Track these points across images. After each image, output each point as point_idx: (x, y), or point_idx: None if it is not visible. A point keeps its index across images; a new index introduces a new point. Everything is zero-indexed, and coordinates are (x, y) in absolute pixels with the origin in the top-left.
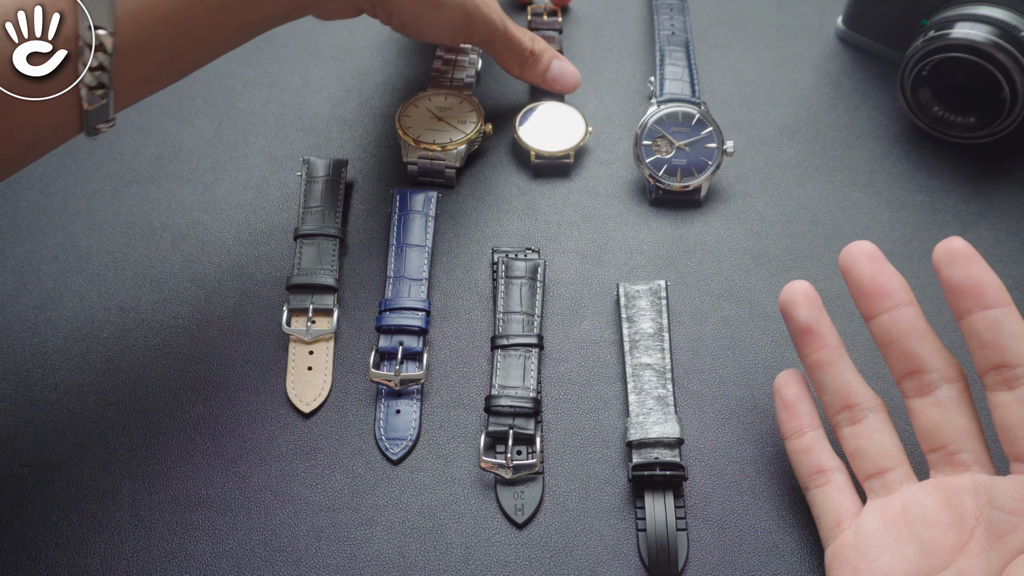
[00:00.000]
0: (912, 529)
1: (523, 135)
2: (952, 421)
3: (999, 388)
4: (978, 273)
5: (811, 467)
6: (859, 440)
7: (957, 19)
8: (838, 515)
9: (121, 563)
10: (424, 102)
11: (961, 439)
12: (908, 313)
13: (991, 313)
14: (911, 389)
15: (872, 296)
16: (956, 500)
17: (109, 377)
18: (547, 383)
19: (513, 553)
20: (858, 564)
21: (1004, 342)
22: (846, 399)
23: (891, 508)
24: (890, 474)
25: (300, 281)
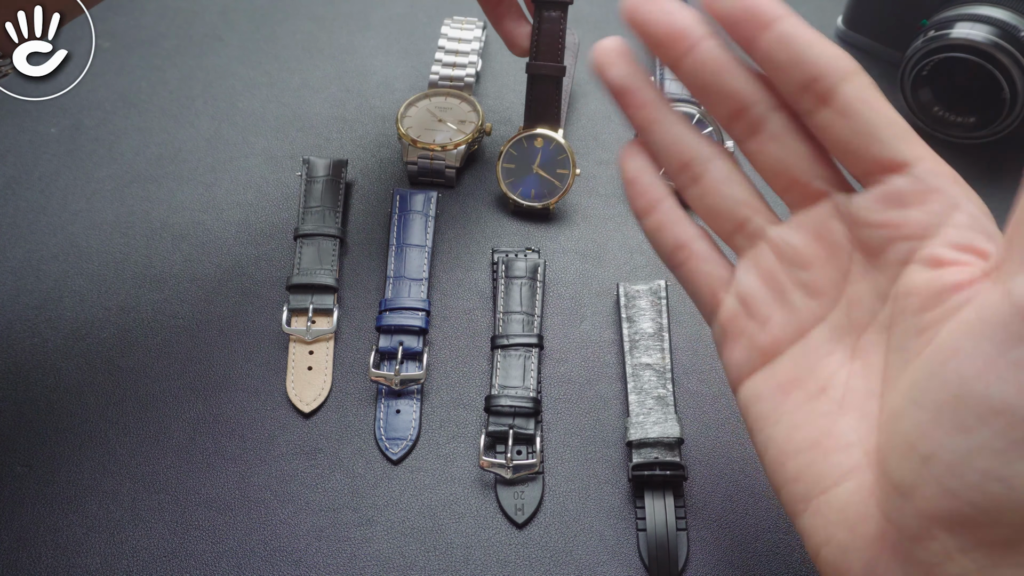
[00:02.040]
0: (791, 275)
1: (505, 180)
2: (793, 149)
3: (816, 108)
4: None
5: (669, 244)
6: (706, 198)
7: (957, 19)
8: (711, 286)
9: (121, 563)
10: (424, 102)
11: (808, 165)
12: (712, 48)
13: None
14: (741, 132)
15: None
16: (824, 230)
17: (109, 377)
18: (547, 383)
19: (513, 553)
20: (748, 331)
21: (802, 53)
22: (680, 155)
23: (763, 260)
24: (750, 224)
25: (300, 281)
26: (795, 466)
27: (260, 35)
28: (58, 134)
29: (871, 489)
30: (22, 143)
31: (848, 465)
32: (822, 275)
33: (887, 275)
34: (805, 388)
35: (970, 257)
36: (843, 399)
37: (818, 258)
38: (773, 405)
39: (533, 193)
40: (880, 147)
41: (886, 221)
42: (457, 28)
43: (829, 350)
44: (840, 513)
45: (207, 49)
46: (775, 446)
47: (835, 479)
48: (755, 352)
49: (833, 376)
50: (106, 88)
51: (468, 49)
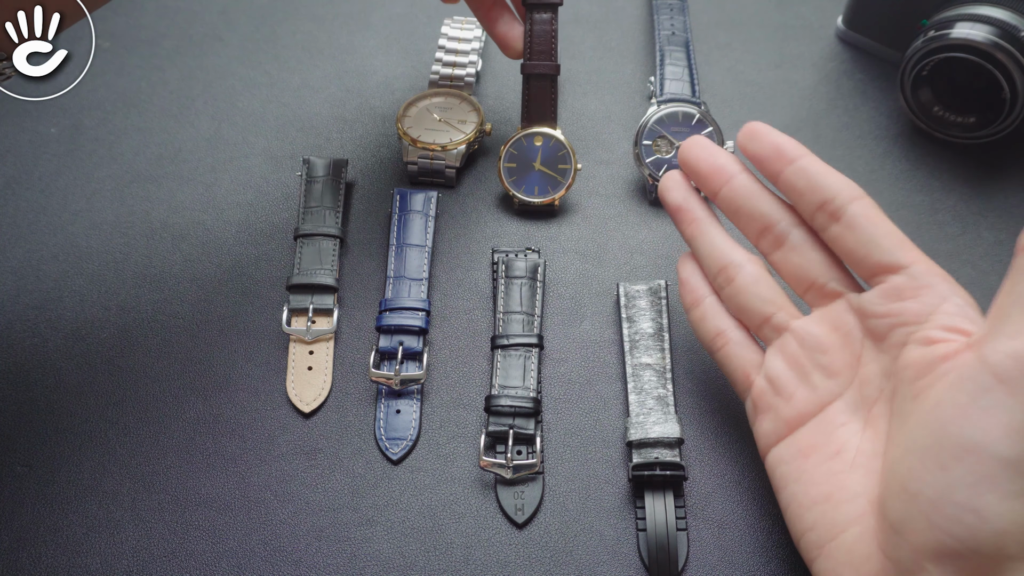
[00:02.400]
0: (812, 359)
1: (508, 179)
2: (810, 258)
3: (829, 224)
4: (777, 139)
5: (710, 332)
6: (739, 296)
7: (957, 19)
8: (744, 368)
9: (121, 563)
10: (424, 102)
11: (823, 271)
12: (744, 180)
13: (797, 164)
14: (767, 245)
15: (710, 176)
16: (839, 322)
17: (109, 377)
18: (547, 383)
19: (513, 553)
20: (776, 405)
21: (817, 181)
22: (719, 261)
23: (788, 347)
24: (775, 317)
25: (300, 281)
26: (811, 517)
27: (260, 35)
28: (58, 134)
29: (873, 532)
30: (22, 143)
31: (855, 513)
32: (838, 359)
33: (891, 356)
34: (822, 452)
35: (956, 336)
36: (854, 460)
37: (835, 345)
38: (795, 466)
39: (537, 190)
40: (881, 254)
41: (888, 311)
42: (457, 28)
43: (844, 421)
44: (847, 555)
45: (207, 49)
46: (795, 501)
47: (843, 526)
48: (781, 423)
49: (847, 442)
50: (106, 88)
51: (468, 49)
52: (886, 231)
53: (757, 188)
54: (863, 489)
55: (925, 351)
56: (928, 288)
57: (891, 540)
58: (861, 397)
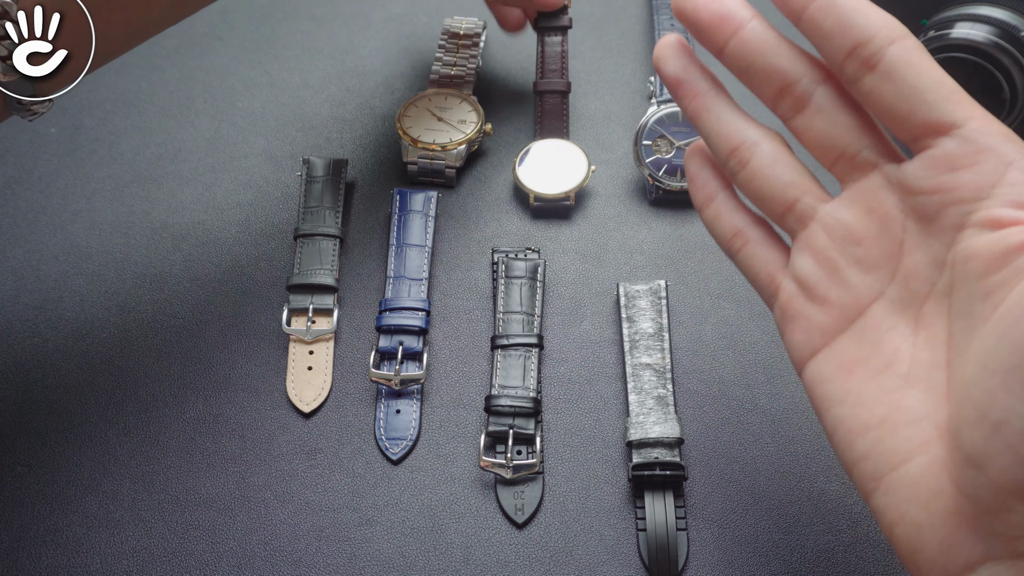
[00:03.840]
0: (845, 252)
1: (522, 176)
2: (839, 122)
3: (862, 73)
4: None
5: (726, 232)
6: (754, 181)
7: (957, 19)
8: (768, 271)
9: (121, 563)
10: (424, 102)
11: (855, 137)
12: (757, 27)
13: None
14: (787, 109)
15: (714, 25)
16: (875, 203)
17: (109, 377)
18: (547, 383)
19: (513, 553)
20: (807, 312)
21: (849, 19)
22: (729, 141)
23: (816, 240)
24: (799, 204)
25: (300, 281)
26: (864, 444)
27: (260, 35)
28: (58, 134)
29: (944, 463)
30: (22, 143)
31: (918, 439)
32: (876, 249)
33: (943, 241)
34: (869, 365)
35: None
36: (909, 373)
37: (870, 232)
38: (838, 385)
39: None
40: (927, 109)
41: (937, 186)
42: (457, 27)
43: (891, 324)
44: (912, 489)
45: (207, 49)
46: (843, 426)
47: (906, 455)
48: (815, 333)
49: (897, 350)
50: (106, 88)
51: (468, 48)
52: (934, 80)
53: (773, 37)
54: (926, 410)
55: (993, 238)
56: (987, 152)
57: (968, 475)
58: (908, 294)
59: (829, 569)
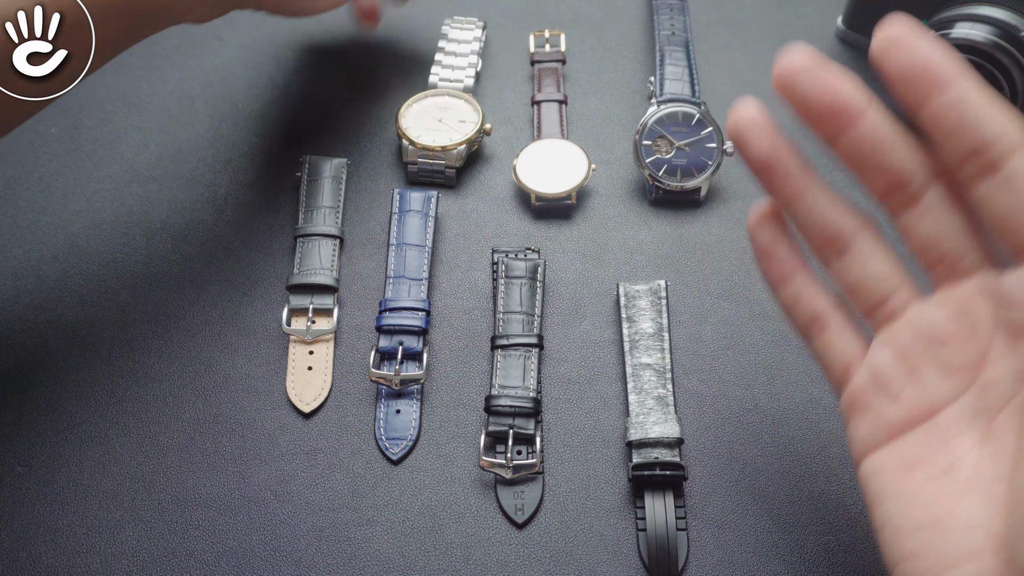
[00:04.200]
0: (927, 353)
1: (522, 176)
2: (947, 223)
3: (981, 177)
4: (926, 51)
5: (804, 317)
6: (850, 273)
7: (957, 19)
8: (844, 360)
9: (121, 563)
10: (424, 102)
11: (960, 242)
12: (876, 121)
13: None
14: (895, 205)
15: (831, 113)
16: (967, 308)
17: (109, 377)
18: (547, 383)
19: (513, 553)
20: (878, 406)
21: (973, 119)
22: (825, 230)
23: (900, 336)
24: (892, 300)
25: (300, 281)
26: (913, 544)
27: (260, 35)
28: (58, 134)
29: (992, 574)
30: (22, 143)
31: (970, 547)
32: (960, 354)
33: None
34: (930, 467)
35: None
36: (970, 481)
37: (957, 336)
38: (896, 482)
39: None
40: None
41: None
42: (457, 28)
43: (959, 431)
44: None
45: (207, 49)
46: (894, 522)
47: (954, 560)
48: (882, 428)
49: (962, 458)
50: (106, 88)
51: (468, 50)
52: None
53: (891, 131)
54: (981, 519)
55: None
56: None
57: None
58: (983, 404)
59: (829, 569)
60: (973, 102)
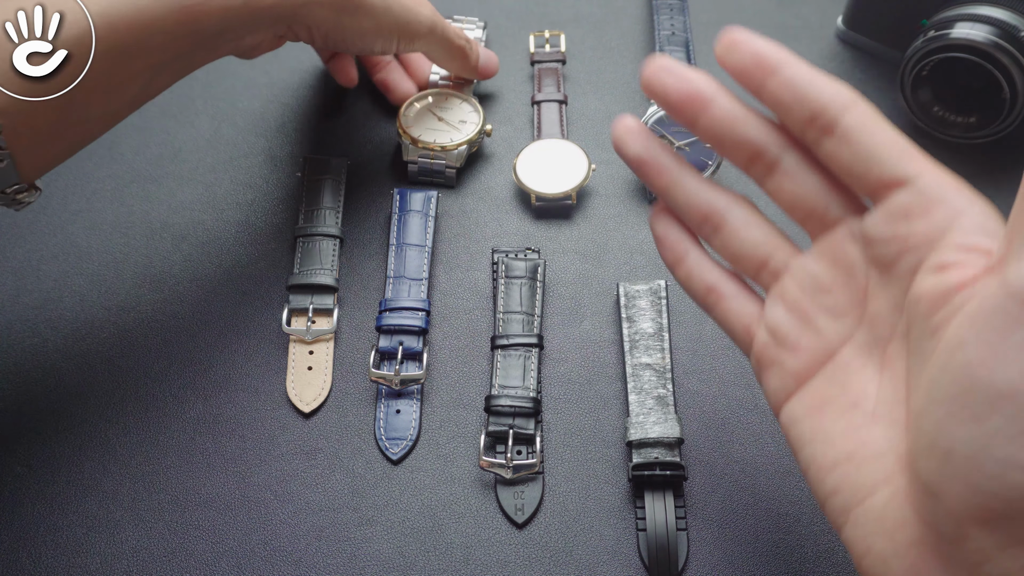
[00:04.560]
0: (815, 301)
1: (522, 176)
2: (806, 183)
3: (822, 139)
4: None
5: (700, 289)
6: (729, 245)
7: (957, 19)
8: (743, 322)
9: (121, 563)
10: (424, 102)
11: (821, 196)
12: (725, 104)
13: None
14: (758, 173)
15: (684, 105)
16: (840, 255)
17: (109, 377)
18: (547, 383)
19: (513, 553)
20: (781, 359)
21: (804, 92)
22: (700, 211)
23: (788, 292)
24: (772, 260)
25: (300, 281)
26: (833, 480)
27: None
28: None
29: (905, 494)
30: None
31: (882, 473)
32: (843, 297)
33: (901, 287)
34: (838, 404)
35: (974, 257)
36: (875, 410)
37: (838, 282)
38: (810, 424)
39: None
40: (881, 167)
41: (894, 235)
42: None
43: (858, 366)
44: (878, 522)
45: None
46: (814, 463)
47: (871, 488)
48: (789, 378)
49: (864, 390)
50: None
51: None
52: (885, 140)
53: (741, 111)
54: (889, 444)
55: (938, 279)
56: (939, 203)
57: (927, 504)
58: (873, 337)
59: (829, 569)
60: (803, 78)
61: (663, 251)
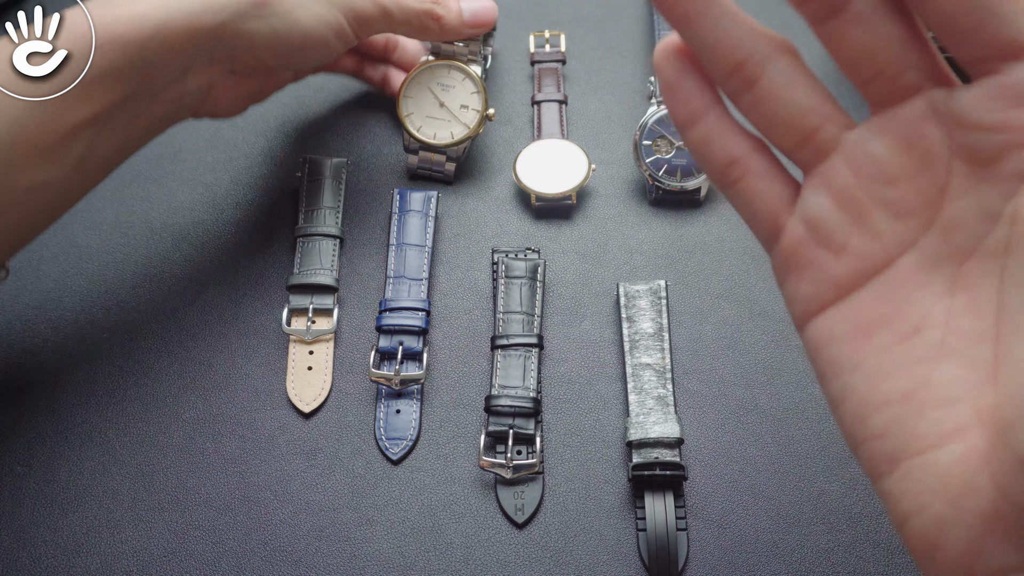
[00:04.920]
0: (872, 192)
1: (522, 176)
2: (881, 31)
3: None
4: None
5: (719, 161)
6: (764, 105)
7: None
8: (770, 209)
9: (121, 563)
10: (426, 76)
11: (899, 52)
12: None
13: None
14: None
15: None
16: (916, 136)
17: (109, 377)
18: (547, 383)
19: (513, 553)
20: (820, 260)
21: None
22: (730, 55)
23: (837, 176)
24: (820, 133)
25: (300, 281)
26: (881, 421)
27: None
28: None
29: (984, 456)
30: None
31: (953, 424)
32: (912, 191)
33: (1000, 190)
34: (893, 328)
35: None
36: (943, 342)
37: (906, 170)
38: (852, 348)
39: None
40: (998, 25)
41: (1002, 123)
42: None
43: (922, 282)
44: (940, 480)
45: None
46: (855, 397)
47: (935, 440)
48: (828, 285)
49: (929, 313)
50: None
51: None
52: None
53: None
54: (965, 390)
55: None
56: None
57: (1018, 477)
58: (947, 248)
59: (829, 569)
60: None
61: (673, 103)
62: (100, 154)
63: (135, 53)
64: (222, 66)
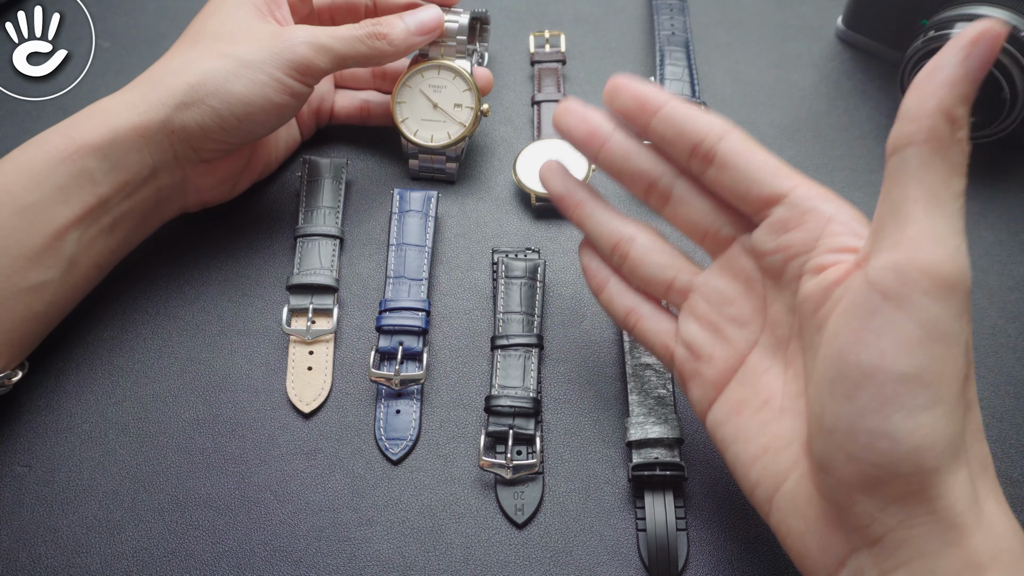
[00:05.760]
0: (721, 313)
1: (522, 176)
2: (698, 207)
3: (704, 168)
4: (637, 91)
5: (620, 312)
6: (637, 269)
7: (957, 19)
8: (661, 340)
9: (121, 563)
10: (417, 80)
11: (713, 218)
12: (619, 140)
13: (661, 113)
14: (656, 202)
15: (585, 141)
16: (738, 268)
17: (109, 377)
18: (547, 383)
19: (513, 553)
20: (699, 370)
21: (683, 127)
22: (609, 240)
23: (697, 307)
24: (677, 281)
25: (300, 281)
26: (755, 473)
27: None
28: None
29: (808, 474)
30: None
31: (791, 460)
32: (746, 306)
33: (791, 291)
34: (751, 404)
35: (846, 256)
36: (782, 405)
37: (739, 293)
38: (731, 426)
39: None
40: (758, 187)
41: (777, 246)
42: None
43: (766, 368)
44: (792, 503)
45: None
46: (739, 460)
47: (784, 474)
48: (709, 386)
49: (772, 388)
50: (106, 88)
51: None
52: (759, 162)
53: (633, 146)
54: (795, 433)
55: (818, 280)
56: (810, 213)
57: (821, 479)
58: (776, 340)
59: None
60: (680, 114)
61: (588, 280)
62: (92, 253)
63: (101, 157)
64: (188, 158)
